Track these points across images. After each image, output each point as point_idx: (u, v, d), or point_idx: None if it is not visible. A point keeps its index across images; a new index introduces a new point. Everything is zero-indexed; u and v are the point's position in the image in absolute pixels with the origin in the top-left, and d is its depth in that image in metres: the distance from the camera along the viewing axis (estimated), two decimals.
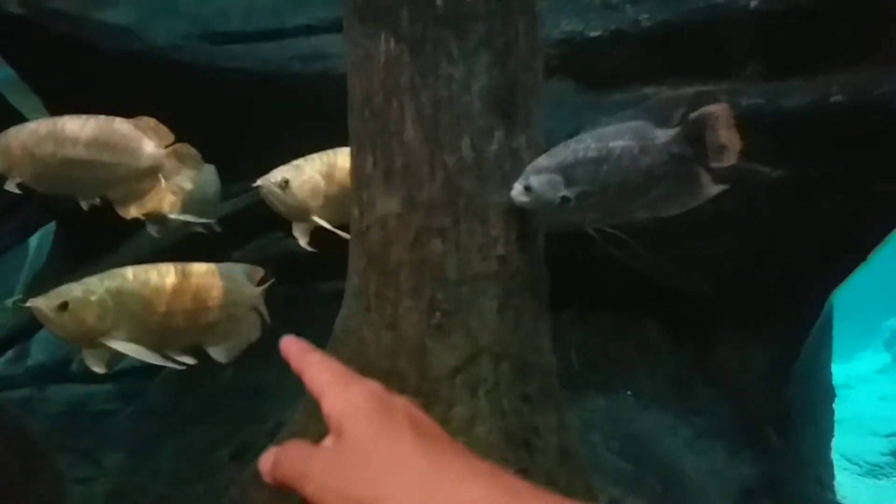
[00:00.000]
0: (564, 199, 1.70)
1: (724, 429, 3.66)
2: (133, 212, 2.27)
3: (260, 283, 2.22)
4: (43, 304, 1.68)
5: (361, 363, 1.93)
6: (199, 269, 2.02)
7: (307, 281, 3.76)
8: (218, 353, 2.06)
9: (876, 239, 3.18)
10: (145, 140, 2.10)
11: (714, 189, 1.66)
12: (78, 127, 2.04)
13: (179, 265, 1.97)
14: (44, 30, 3.02)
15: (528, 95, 1.89)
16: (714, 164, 1.64)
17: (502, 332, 1.84)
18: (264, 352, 1.90)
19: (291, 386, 3.42)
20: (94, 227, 2.17)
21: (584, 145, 1.68)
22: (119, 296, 1.79)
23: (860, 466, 6.86)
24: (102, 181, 2.09)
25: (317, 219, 2.06)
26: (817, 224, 3.07)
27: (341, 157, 2.08)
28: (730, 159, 1.61)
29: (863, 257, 3.26)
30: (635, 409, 3.59)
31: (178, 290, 1.91)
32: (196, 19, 4.01)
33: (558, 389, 1.93)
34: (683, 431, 3.62)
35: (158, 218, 2.31)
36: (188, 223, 2.38)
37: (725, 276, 3.26)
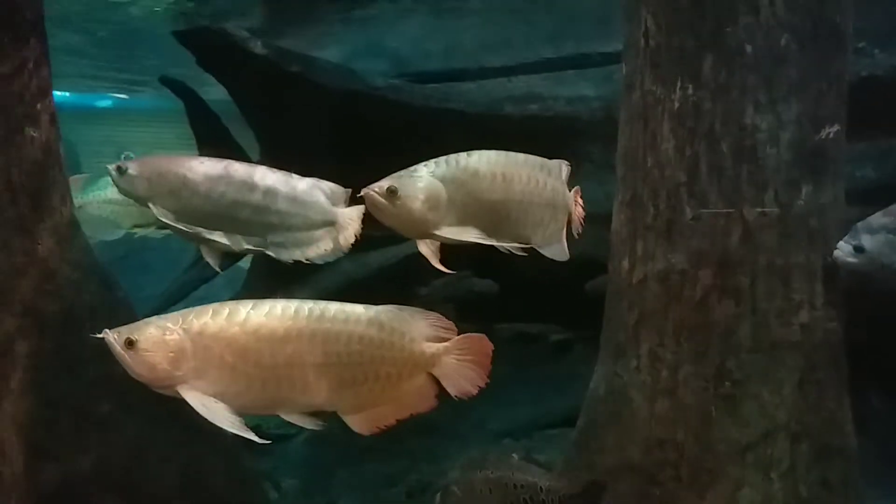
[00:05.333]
0: None
1: None
2: (297, 256, 2.16)
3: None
4: (111, 336, 1.41)
5: (628, 427, 1.79)
6: (341, 312, 1.48)
7: (488, 321, 3.67)
8: (356, 423, 1.54)
9: None
10: (323, 196, 2.00)
11: None
12: (252, 173, 1.94)
13: (310, 304, 1.48)
14: (280, 68, 3.16)
15: (837, 147, 1.72)
16: None
17: (802, 409, 1.66)
18: (441, 388, 1.71)
19: (468, 427, 3.26)
20: None
21: None
22: (200, 338, 1.42)
23: None
24: (263, 227, 1.97)
25: (441, 233, 1.55)
26: None
27: (476, 159, 1.61)
28: None
29: None
30: None
31: (299, 336, 1.45)
32: (398, 59, 4.12)
33: (859, 477, 1.70)
34: None
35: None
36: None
37: None
